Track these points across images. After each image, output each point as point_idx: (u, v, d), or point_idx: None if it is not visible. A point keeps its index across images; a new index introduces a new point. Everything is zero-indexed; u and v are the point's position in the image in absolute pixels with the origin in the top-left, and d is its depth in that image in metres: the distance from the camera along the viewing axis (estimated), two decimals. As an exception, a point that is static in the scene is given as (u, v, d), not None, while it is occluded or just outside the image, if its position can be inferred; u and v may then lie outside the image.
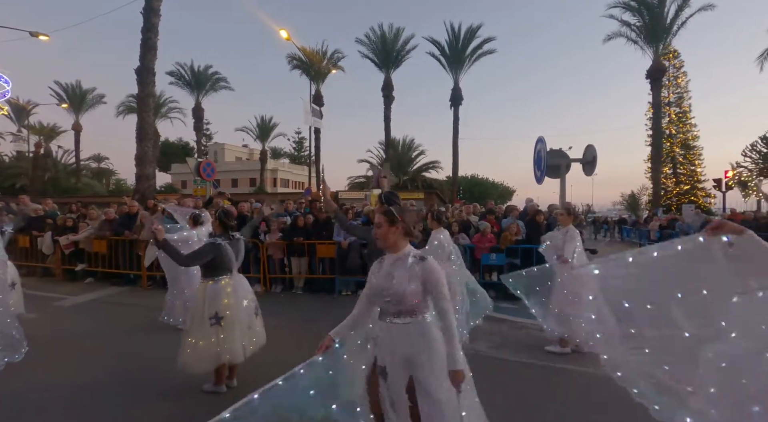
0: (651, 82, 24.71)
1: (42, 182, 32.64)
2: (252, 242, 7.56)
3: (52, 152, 37.84)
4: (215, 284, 3.31)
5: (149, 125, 16.34)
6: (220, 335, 3.23)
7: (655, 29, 23.53)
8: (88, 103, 38.52)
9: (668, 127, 28.40)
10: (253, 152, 49.93)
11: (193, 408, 3.10)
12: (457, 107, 29.12)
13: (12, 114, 35.69)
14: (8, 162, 36.53)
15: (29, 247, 8.76)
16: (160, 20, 15.94)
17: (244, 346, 3.36)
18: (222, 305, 3.28)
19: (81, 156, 39.48)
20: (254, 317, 3.56)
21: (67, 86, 37.50)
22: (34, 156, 34.52)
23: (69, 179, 36.42)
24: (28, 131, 37.88)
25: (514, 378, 3.74)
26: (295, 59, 30.24)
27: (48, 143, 37.93)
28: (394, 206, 2.14)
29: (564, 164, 7.48)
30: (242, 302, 3.42)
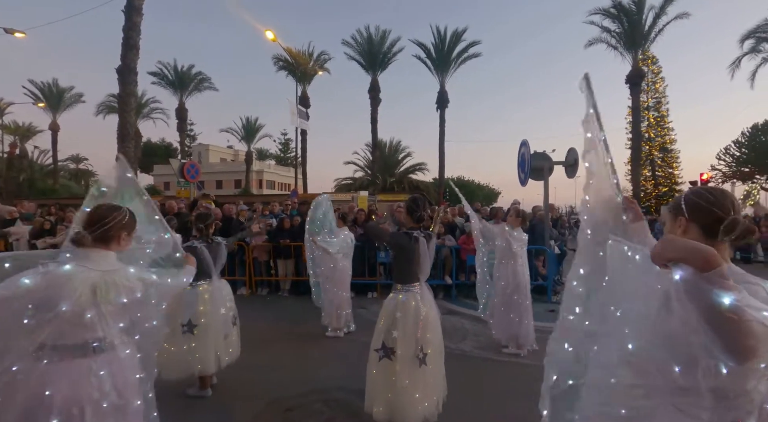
0: (630, 86, 25.42)
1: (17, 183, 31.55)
2: (237, 244, 7.48)
3: (28, 153, 36.63)
4: (192, 289, 3.18)
5: (130, 125, 16.00)
6: (191, 343, 3.11)
7: (633, 36, 24.23)
8: (66, 102, 37.43)
9: (647, 130, 29.21)
10: (239, 154, 49.32)
11: (176, 413, 3.06)
12: (444, 109, 29.38)
13: (-16, 113, 34.52)
14: (-19, 163, 35.17)
15: (4, 251, 8.48)
16: (142, 19, 15.65)
17: (218, 356, 3.23)
18: (197, 312, 3.16)
19: (59, 157, 38.32)
20: (231, 326, 3.42)
21: (44, 85, 36.37)
22: (8, 157, 33.33)
23: (45, 181, 35.33)
24: (3, 130, 36.57)
25: (501, 377, 3.81)
26: (281, 60, 30.05)
27: (24, 143, 36.67)
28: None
29: (547, 167, 7.63)
30: (219, 310, 3.29)
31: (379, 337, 2.59)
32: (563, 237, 8.61)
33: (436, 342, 2.62)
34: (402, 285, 2.64)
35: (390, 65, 30.62)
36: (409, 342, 2.49)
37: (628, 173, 28.80)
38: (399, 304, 2.57)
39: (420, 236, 2.64)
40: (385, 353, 2.51)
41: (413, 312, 2.54)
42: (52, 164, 37.62)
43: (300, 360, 4.22)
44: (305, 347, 4.61)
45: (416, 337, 2.51)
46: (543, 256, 7.25)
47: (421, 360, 2.50)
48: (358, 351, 4.50)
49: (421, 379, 2.50)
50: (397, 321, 2.52)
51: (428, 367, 2.52)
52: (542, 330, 5.23)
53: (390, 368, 2.50)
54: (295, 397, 3.30)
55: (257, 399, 3.27)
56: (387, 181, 30.11)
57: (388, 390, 2.49)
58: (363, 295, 7.20)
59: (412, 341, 2.50)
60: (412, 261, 2.61)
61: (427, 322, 2.57)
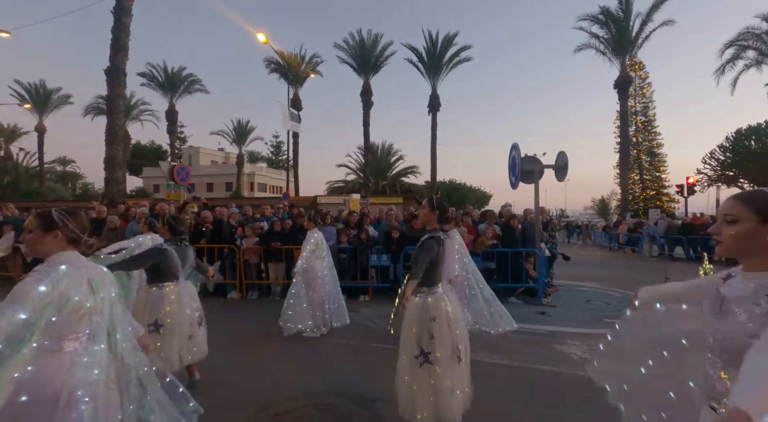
0: (618, 92, 25.88)
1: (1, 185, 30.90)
2: (229, 247, 7.41)
3: (13, 155, 35.92)
4: (159, 290, 3.25)
5: (119, 127, 15.79)
6: (156, 343, 3.16)
7: (621, 41, 24.70)
8: (53, 103, 36.79)
9: (635, 135, 29.70)
10: (230, 156, 48.96)
11: None
12: (435, 113, 29.55)
13: (-32, 114, 33.79)
14: (-36, 165, 34.38)
15: (-13, 255, 8.27)
16: (131, 20, 15.50)
17: (181, 356, 3.30)
18: (163, 312, 3.22)
19: (45, 159, 37.58)
20: (197, 327, 3.48)
21: (30, 86, 35.71)
22: (-8, 158, 32.65)
23: (31, 183, 34.63)
24: (-13, 132, 35.81)
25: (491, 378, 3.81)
26: (273, 63, 29.99)
27: (8, 144, 35.95)
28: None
29: (537, 170, 7.70)
30: (185, 310, 3.35)
31: (415, 343, 2.55)
32: (554, 240, 8.68)
33: (465, 336, 2.68)
34: (428, 288, 2.64)
35: (382, 69, 30.75)
36: (446, 342, 2.51)
37: (616, 177, 29.25)
38: (431, 307, 2.58)
39: (445, 238, 2.68)
40: (425, 358, 2.50)
41: (445, 313, 2.57)
42: (38, 166, 36.89)
43: (289, 364, 4.18)
44: (295, 351, 4.57)
45: (451, 337, 2.54)
46: (533, 258, 7.30)
47: (458, 357, 2.54)
48: (346, 354, 4.49)
49: (459, 375, 2.55)
50: (433, 325, 2.52)
51: (463, 362, 2.58)
52: (533, 333, 5.28)
53: (431, 371, 2.50)
54: (285, 402, 3.27)
55: (246, 404, 3.23)
56: (379, 184, 30.15)
57: (429, 394, 2.48)
58: (355, 298, 7.17)
59: (448, 341, 2.52)
60: (437, 264, 2.63)
61: (457, 320, 2.62)
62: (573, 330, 5.34)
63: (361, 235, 7.42)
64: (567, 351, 4.57)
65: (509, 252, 7.09)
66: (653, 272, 10.48)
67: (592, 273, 10.56)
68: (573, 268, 10.87)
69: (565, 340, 4.92)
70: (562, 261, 8.86)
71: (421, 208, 2.86)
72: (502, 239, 7.33)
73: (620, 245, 17.90)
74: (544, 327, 5.50)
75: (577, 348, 4.61)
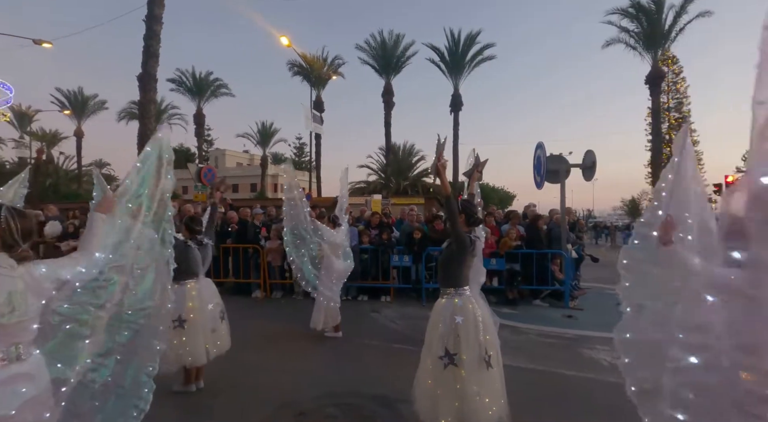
0: (650, 87, 24.84)
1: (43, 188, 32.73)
2: (253, 247, 7.57)
3: (54, 158, 37.99)
4: (181, 287, 3.36)
5: (150, 131, 16.40)
6: (182, 337, 3.28)
7: (653, 35, 23.69)
8: (90, 109, 38.71)
9: (668, 132, 28.47)
10: (254, 158, 50.04)
11: (162, 408, 3.12)
12: (457, 112, 29.27)
13: (14, 121, 35.92)
14: (9, 168, 36.64)
15: (30, 253, 8.76)
16: (162, 28, 16.09)
17: (207, 349, 3.40)
18: (186, 308, 3.33)
19: (83, 162, 39.57)
20: (219, 321, 3.59)
21: (69, 93, 37.72)
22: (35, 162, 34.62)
23: (70, 185, 36.51)
24: (30, 137, 38.05)
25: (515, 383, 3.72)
26: (296, 66, 30.43)
27: (50, 149, 38.06)
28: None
29: (563, 169, 7.49)
30: (207, 305, 3.46)
31: (439, 344, 2.49)
32: (580, 241, 8.41)
33: (496, 343, 2.60)
34: (455, 289, 2.59)
35: (404, 69, 30.68)
36: (473, 345, 2.45)
37: (648, 176, 28.12)
38: (457, 308, 2.53)
39: (476, 239, 2.65)
40: (450, 359, 2.44)
41: (473, 315, 2.51)
42: (76, 169, 38.88)
43: (312, 363, 4.22)
44: (318, 350, 4.61)
45: (479, 340, 2.47)
46: (560, 260, 7.10)
47: (487, 363, 2.46)
48: (368, 355, 4.48)
49: (489, 382, 2.46)
50: (459, 326, 2.47)
51: (494, 369, 2.49)
52: (559, 337, 5.13)
53: (456, 374, 2.43)
54: (307, 401, 3.30)
55: (270, 402, 3.28)
56: (401, 184, 30.07)
57: (454, 399, 2.41)
58: (376, 299, 7.18)
59: (475, 344, 2.45)
60: (464, 264, 2.60)
61: (486, 324, 2.56)
62: (602, 334, 5.14)
63: (382, 236, 7.42)
64: (596, 356, 4.41)
65: (534, 254, 6.92)
66: (688, 275, 9.96)
67: (622, 276, 10.16)
68: (602, 270, 10.48)
69: (593, 345, 4.75)
70: (589, 263, 8.58)
71: None
72: (526, 240, 7.16)
73: (652, 247, 17.17)
74: (571, 331, 5.33)
75: (607, 354, 4.44)
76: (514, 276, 6.92)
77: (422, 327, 2.73)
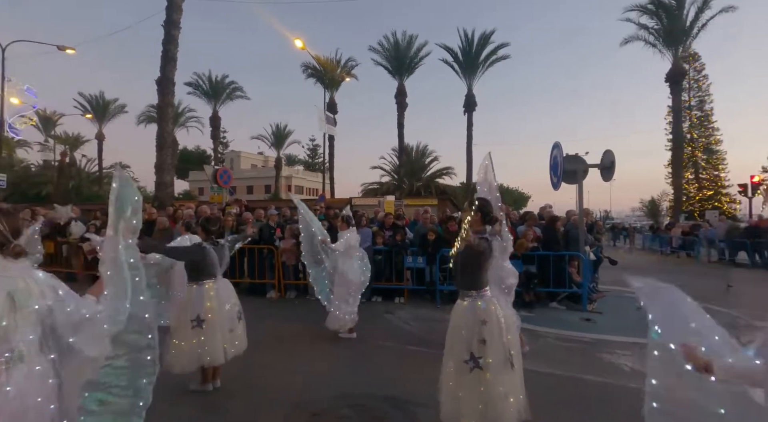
0: (670, 85, 24.19)
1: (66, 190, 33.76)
2: (268, 248, 7.64)
3: (77, 161, 39.17)
4: (199, 287, 3.41)
5: (168, 133, 16.80)
6: (200, 337, 3.31)
7: (673, 32, 23.08)
8: (111, 113, 39.85)
9: (689, 131, 27.71)
10: (268, 160, 50.69)
11: (179, 407, 3.20)
12: (471, 113, 29.09)
13: (39, 124, 37.15)
14: (35, 170, 37.96)
15: (54, 253, 9.05)
16: (179, 32, 16.44)
17: (225, 349, 3.41)
18: (204, 308, 3.36)
19: (103, 164, 40.72)
20: (237, 321, 3.60)
21: (91, 97, 38.89)
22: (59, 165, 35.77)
23: (91, 187, 37.57)
24: (54, 140, 39.33)
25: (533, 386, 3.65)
26: (310, 68, 30.71)
27: (72, 152, 39.29)
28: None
29: (581, 170, 7.34)
30: (224, 305, 3.48)
31: (463, 348, 2.47)
32: (598, 243, 8.23)
33: (516, 342, 2.59)
34: (477, 292, 2.57)
35: (417, 70, 30.67)
36: (498, 347, 2.43)
37: (668, 176, 27.39)
38: (481, 311, 2.50)
39: (492, 240, 2.60)
40: (475, 363, 2.42)
41: (496, 317, 2.49)
42: (98, 171, 40.00)
43: (326, 363, 4.22)
44: (332, 351, 4.61)
45: (503, 342, 2.46)
46: (577, 262, 6.95)
47: (510, 363, 2.46)
48: (382, 356, 4.46)
49: (511, 382, 2.46)
50: (483, 329, 2.45)
51: (516, 368, 2.48)
52: (577, 340, 5.02)
53: (480, 377, 2.41)
54: (321, 401, 3.29)
55: (284, 402, 3.29)
56: (414, 185, 30.00)
57: (478, 401, 2.39)
58: (390, 300, 7.15)
59: (500, 346, 2.44)
60: (483, 267, 2.57)
61: (509, 323, 2.55)
62: (623, 338, 5.01)
63: (396, 237, 7.39)
64: (616, 361, 4.29)
65: (551, 255, 6.79)
66: (712, 278, 9.67)
67: (642, 279, 9.90)
68: (620, 273, 10.23)
69: (613, 349, 4.63)
70: (608, 266, 8.38)
71: (462, 213, 2.79)
72: (543, 242, 7.04)
73: (673, 249, 16.70)
74: (589, 335, 5.21)
75: (628, 359, 4.32)
76: (531, 279, 6.80)
77: (437, 328, 2.70)
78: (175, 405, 3.26)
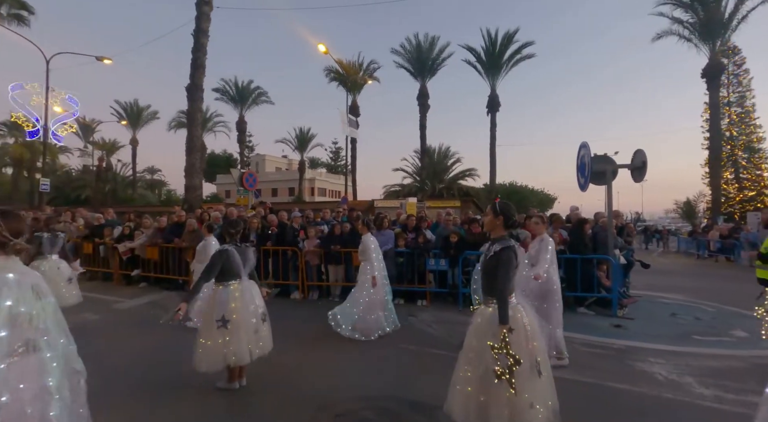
0: (707, 81, 23.07)
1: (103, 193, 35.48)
2: (291, 250, 7.77)
3: (113, 166, 41.16)
4: (225, 288, 3.49)
5: (197, 138, 17.36)
6: (225, 337, 3.38)
7: (710, 25, 22.02)
8: (144, 119, 41.69)
9: (728, 128, 26.29)
10: (292, 163, 51.60)
11: (206, 406, 3.30)
12: (494, 113, 28.67)
13: (79, 131, 39.30)
14: (75, 175, 40.13)
15: (92, 253, 9.51)
16: (208, 40, 17.00)
17: (250, 349, 3.47)
18: (229, 308, 3.43)
19: (137, 169, 42.59)
20: (261, 322, 3.64)
21: (126, 105, 40.83)
22: (97, 169, 37.70)
23: (126, 190, 39.35)
24: (93, 146, 41.48)
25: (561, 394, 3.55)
26: (333, 72, 31.11)
27: (109, 157, 41.31)
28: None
29: (610, 170, 7.10)
30: (249, 306, 3.54)
31: (490, 355, 2.38)
32: (629, 246, 7.91)
33: (543, 348, 2.53)
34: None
35: (439, 71, 30.53)
36: (524, 355, 2.37)
37: (705, 176, 26.10)
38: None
39: (516, 245, 2.54)
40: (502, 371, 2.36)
41: (522, 325, 2.45)
42: (131, 175, 41.86)
43: (348, 365, 4.25)
44: (354, 353, 4.63)
45: (528, 349, 2.41)
46: (606, 266, 6.71)
47: (538, 371, 2.41)
48: (404, 359, 4.44)
49: (541, 390, 2.40)
50: (510, 337, 2.39)
51: (544, 375, 2.43)
52: (607, 347, 4.84)
53: (506, 385, 2.35)
54: (343, 403, 3.31)
55: (307, 403, 3.32)
56: (436, 187, 29.83)
57: (504, 408, 2.35)
58: (412, 303, 7.12)
59: (526, 353, 2.39)
60: (508, 275, 2.49)
61: (534, 331, 2.49)
62: (656, 346, 4.80)
63: (418, 239, 7.36)
64: (649, 369, 4.11)
65: (578, 259, 6.59)
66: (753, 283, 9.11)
67: (677, 284, 9.46)
68: (653, 277, 9.82)
69: (646, 357, 4.43)
70: (640, 269, 8.05)
71: (484, 215, 2.74)
72: (570, 245, 6.84)
73: (711, 252, 15.88)
74: (619, 342, 5.01)
75: (662, 367, 4.13)
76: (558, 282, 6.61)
77: (459, 331, 2.66)
78: (202, 403, 3.36)
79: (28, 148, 31.76)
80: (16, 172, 36.06)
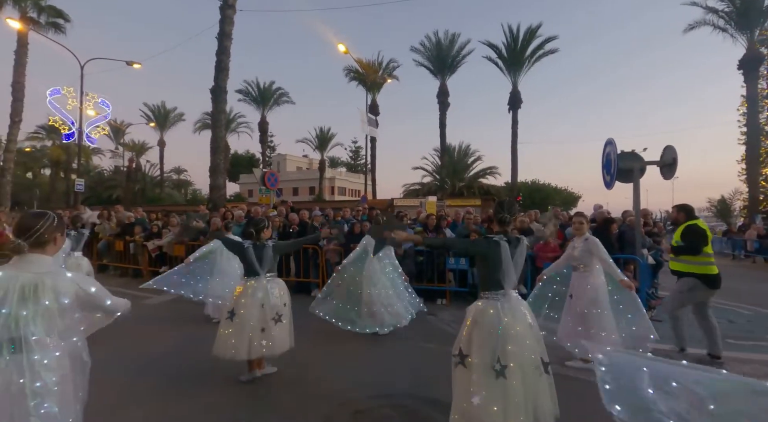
0: (744, 73, 21.93)
1: (133, 193, 36.92)
2: (312, 248, 7.88)
3: (142, 166, 42.76)
4: (244, 283, 3.67)
5: (221, 139, 17.84)
6: (230, 329, 3.53)
7: (747, 14, 20.92)
8: (171, 121, 43.09)
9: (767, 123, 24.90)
10: (313, 162, 52.21)
11: (228, 396, 3.39)
12: (516, 110, 28.15)
13: (111, 133, 41.02)
14: (107, 176, 41.94)
15: (123, 250, 9.92)
16: (231, 43, 17.40)
17: (253, 346, 3.51)
18: (239, 303, 3.57)
19: (164, 169, 44.06)
20: (272, 322, 3.59)
21: (154, 107, 42.30)
22: (127, 170, 39.28)
23: (154, 190, 40.80)
24: (123, 148, 43.20)
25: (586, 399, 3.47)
26: (352, 71, 31.30)
27: (138, 158, 42.95)
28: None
29: (637, 168, 6.85)
30: (259, 304, 3.58)
31: (489, 352, 2.34)
32: (658, 246, 7.62)
33: (534, 348, 2.43)
34: (492, 292, 2.48)
35: (459, 68, 30.22)
36: (525, 352, 2.34)
37: (742, 173, 24.81)
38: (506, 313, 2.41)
39: (501, 240, 2.49)
40: (502, 369, 2.30)
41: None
42: (159, 175, 43.35)
43: (367, 362, 4.28)
44: (373, 351, 4.67)
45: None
46: (633, 266, 6.50)
47: (542, 370, 2.38)
48: (423, 357, 4.44)
49: (539, 388, 2.36)
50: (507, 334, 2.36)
51: (545, 374, 2.39)
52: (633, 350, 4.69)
53: (506, 384, 2.29)
54: (363, 400, 3.34)
55: (326, 399, 3.37)
56: (456, 186, 29.55)
57: (503, 406, 2.29)
58: (432, 302, 7.10)
59: (527, 351, 2.35)
60: (497, 268, 2.46)
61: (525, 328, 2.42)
62: (686, 349, 4.62)
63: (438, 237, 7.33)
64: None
65: (603, 259, 6.40)
66: (796, 287, 8.63)
67: (710, 286, 9.03)
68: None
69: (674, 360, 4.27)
70: (668, 270, 7.73)
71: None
72: (594, 244, 6.66)
73: (748, 253, 15.12)
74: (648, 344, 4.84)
75: (692, 372, 3.97)
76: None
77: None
78: (226, 396, 3.46)
79: (65, 150, 33.40)
80: (54, 173, 38.01)
